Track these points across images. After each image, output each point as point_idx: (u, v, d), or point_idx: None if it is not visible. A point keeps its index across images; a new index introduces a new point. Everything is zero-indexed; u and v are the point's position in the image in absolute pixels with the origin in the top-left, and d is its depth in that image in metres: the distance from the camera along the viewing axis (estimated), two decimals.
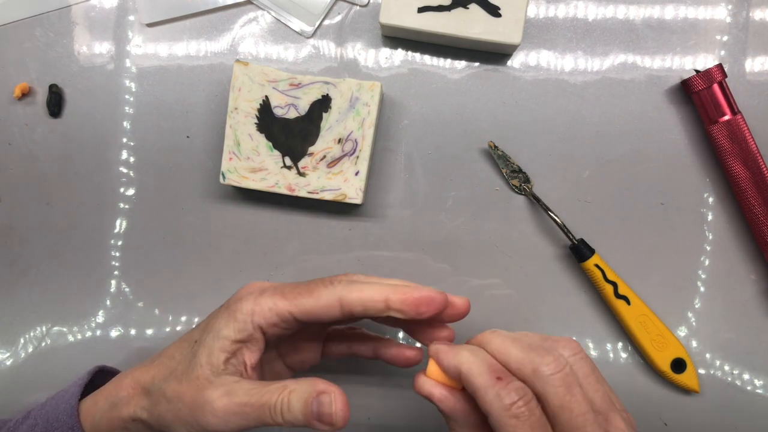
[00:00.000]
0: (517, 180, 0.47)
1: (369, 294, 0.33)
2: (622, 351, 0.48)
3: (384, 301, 0.33)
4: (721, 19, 0.47)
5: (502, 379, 0.29)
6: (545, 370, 0.29)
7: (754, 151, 0.45)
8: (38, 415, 0.39)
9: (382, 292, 0.33)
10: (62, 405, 0.38)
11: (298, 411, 0.32)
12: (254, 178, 0.45)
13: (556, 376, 0.29)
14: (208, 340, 0.35)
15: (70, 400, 0.38)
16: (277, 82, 0.45)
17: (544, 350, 0.30)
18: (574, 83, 0.48)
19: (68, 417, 0.37)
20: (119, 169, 0.49)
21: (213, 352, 0.34)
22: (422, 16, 0.44)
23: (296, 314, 0.34)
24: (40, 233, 0.49)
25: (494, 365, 0.30)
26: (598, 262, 0.46)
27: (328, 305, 0.33)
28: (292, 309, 0.34)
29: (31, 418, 0.39)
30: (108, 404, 0.37)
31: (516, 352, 0.31)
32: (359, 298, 0.33)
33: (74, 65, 0.48)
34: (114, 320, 0.49)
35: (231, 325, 0.34)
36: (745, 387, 0.48)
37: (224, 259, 0.49)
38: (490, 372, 0.30)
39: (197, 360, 0.35)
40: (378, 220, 0.48)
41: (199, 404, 0.33)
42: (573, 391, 0.29)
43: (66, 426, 0.37)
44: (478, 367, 0.30)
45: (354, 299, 0.33)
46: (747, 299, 0.48)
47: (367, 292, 0.33)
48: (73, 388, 0.40)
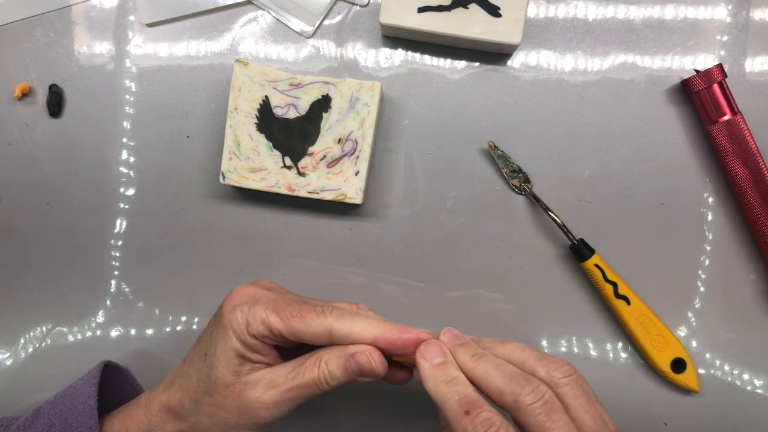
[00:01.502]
0: (517, 180, 0.47)
1: (358, 330, 0.35)
2: (622, 351, 0.48)
3: (372, 340, 0.35)
4: (721, 19, 0.47)
5: (469, 413, 0.30)
6: (524, 401, 0.30)
7: (754, 151, 0.45)
8: (52, 414, 0.39)
9: (371, 331, 0.35)
10: (79, 405, 0.38)
11: (341, 375, 0.34)
12: (254, 178, 0.45)
13: (536, 405, 0.30)
14: (218, 352, 0.36)
15: (88, 401, 0.38)
16: (277, 82, 0.45)
17: (524, 380, 0.31)
18: (574, 83, 0.48)
19: (88, 418, 0.38)
20: (119, 169, 0.49)
21: (230, 361, 0.36)
22: (422, 16, 0.44)
23: (286, 335, 0.35)
24: (40, 233, 0.49)
25: (465, 398, 0.31)
26: (598, 262, 0.46)
27: (318, 334, 0.35)
28: (282, 330, 0.35)
29: (44, 417, 0.39)
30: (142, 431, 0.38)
31: (497, 382, 0.32)
32: (348, 333, 0.35)
33: (74, 65, 0.48)
34: (114, 320, 0.49)
35: (232, 335, 0.35)
36: (745, 387, 0.48)
37: (224, 259, 0.49)
38: (460, 406, 0.31)
39: (217, 372, 0.36)
40: (378, 220, 0.48)
41: (246, 406, 0.35)
42: (554, 418, 0.30)
43: (85, 426, 0.37)
44: (449, 401, 0.31)
45: (343, 334, 0.35)
46: (747, 299, 0.48)
47: (356, 328, 0.35)
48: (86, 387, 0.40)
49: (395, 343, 0.35)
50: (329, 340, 0.35)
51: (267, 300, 0.36)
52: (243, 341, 0.35)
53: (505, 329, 0.48)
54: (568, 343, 0.48)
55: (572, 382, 0.32)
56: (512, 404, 0.31)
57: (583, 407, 0.31)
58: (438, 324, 0.48)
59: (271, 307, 0.36)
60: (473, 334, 0.46)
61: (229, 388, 0.36)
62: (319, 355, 0.35)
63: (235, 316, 0.35)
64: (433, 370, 0.33)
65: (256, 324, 0.35)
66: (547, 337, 0.48)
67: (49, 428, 0.38)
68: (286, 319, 0.35)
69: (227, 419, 0.35)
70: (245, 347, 0.36)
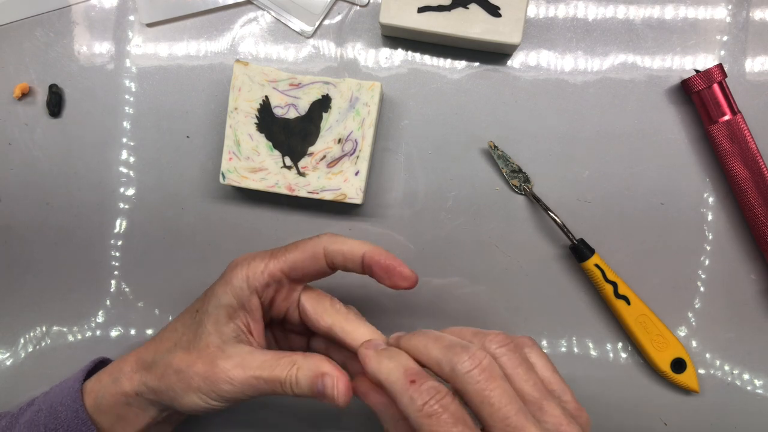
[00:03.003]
0: (517, 180, 0.47)
1: (350, 246, 0.36)
2: (622, 351, 0.48)
3: (361, 255, 0.36)
4: (721, 19, 0.47)
5: (415, 381, 0.30)
6: (461, 368, 0.30)
7: (754, 151, 0.45)
8: (42, 401, 0.40)
9: (362, 248, 0.36)
10: (66, 389, 0.39)
11: (306, 387, 0.34)
12: (254, 178, 0.45)
13: (473, 372, 0.30)
14: (210, 309, 0.37)
15: (74, 384, 0.39)
16: (277, 82, 0.45)
17: (461, 348, 0.31)
18: (574, 83, 0.48)
19: (72, 400, 0.38)
20: (119, 169, 0.49)
21: (219, 319, 0.36)
22: (422, 16, 0.44)
23: (286, 270, 0.37)
24: (40, 233, 0.49)
25: (410, 369, 0.31)
26: (598, 262, 0.46)
27: (314, 255, 0.36)
28: (282, 266, 0.37)
29: (35, 405, 0.40)
30: (111, 380, 0.39)
31: (435, 353, 0.31)
32: (341, 250, 0.36)
33: (74, 65, 0.48)
34: (114, 320, 0.49)
35: (229, 291, 0.36)
36: (745, 387, 0.48)
37: (224, 259, 0.48)
38: (405, 376, 0.31)
39: (204, 328, 0.36)
40: (378, 220, 0.48)
41: (214, 373, 0.35)
42: (491, 385, 0.29)
43: (70, 409, 0.38)
44: (394, 373, 0.31)
45: (336, 249, 0.36)
46: (747, 299, 0.48)
47: (348, 244, 0.37)
48: (76, 373, 0.41)
49: (379, 261, 0.36)
50: (325, 261, 0.37)
51: (264, 253, 0.38)
52: (239, 297, 0.36)
53: (504, 329, 0.48)
54: (568, 343, 0.48)
55: (509, 352, 0.32)
56: (450, 373, 0.30)
57: (522, 376, 0.31)
58: (438, 324, 0.48)
59: (267, 255, 0.37)
60: None
61: (209, 348, 0.36)
62: (296, 358, 0.35)
63: (235, 272, 0.37)
64: (375, 352, 0.33)
65: (256, 276, 0.36)
66: (547, 337, 0.48)
67: (37, 413, 0.39)
68: (283, 256, 0.37)
69: (191, 379, 0.35)
70: (239, 304, 0.36)
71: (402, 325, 0.48)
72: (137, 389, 0.38)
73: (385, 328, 0.37)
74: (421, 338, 0.33)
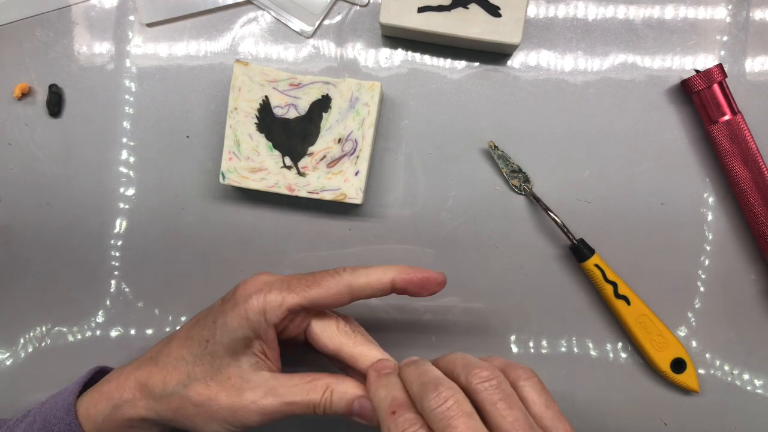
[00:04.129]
0: (517, 180, 0.47)
1: (377, 277, 0.36)
2: (622, 351, 0.48)
3: (390, 282, 0.36)
4: (721, 19, 0.47)
5: (395, 412, 0.32)
6: (427, 406, 0.31)
7: (754, 151, 0.45)
8: (37, 413, 0.39)
9: (388, 274, 0.36)
10: (60, 403, 0.39)
11: (341, 408, 0.36)
12: (254, 178, 0.45)
13: (437, 410, 0.30)
14: (225, 341, 0.36)
15: (68, 398, 0.39)
16: (277, 82, 0.45)
17: (432, 386, 0.31)
18: (574, 83, 0.48)
19: (65, 414, 0.38)
20: (119, 169, 0.49)
21: (237, 350, 0.36)
22: (422, 16, 0.44)
23: (306, 306, 0.36)
24: (40, 233, 0.49)
25: (396, 400, 0.32)
26: (598, 262, 0.46)
27: (338, 293, 0.36)
28: (302, 302, 0.36)
29: (30, 416, 0.39)
30: (110, 406, 0.37)
31: (414, 388, 0.32)
32: (367, 283, 0.36)
33: (74, 65, 0.48)
34: (114, 320, 0.49)
35: (246, 325, 0.35)
36: (745, 387, 0.48)
37: (224, 259, 0.49)
38: (390, 407, 0.32)
39: (221, 361, 0.36)
40: (378, 220, 0.48)
41: (242, 406, 0.35)
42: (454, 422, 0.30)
43: (63, 423, 0.37)
44: (383, 402, 0.33)
45: (363, 284, 0.36)
46: (747, 299, 0.48)
47: (374, 276, 0.36)
48: (71, 386, 0.40)
49: (412, 279, 0.36)
50: (350, 297, 0.36)
51: (280, 283, 0.36)
52: (256, 330, 0.35)
53: (504, 329, 0.48)
54: (568, 343, 0.48)
55: (491, 387, 0.31)
56: (421, 410, 0.31)
57: (500, 412, 0.31)
58: (437, 323, 0.48)
59: (285, 287, 0.36)
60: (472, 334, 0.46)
61: (230, 380, 0.36)
62: (328, 381, 0.36)
63: (251, 304, 0.36)
64: (377, 378, 0.34)
65: (273, 310, 0.35)
66: (547, 337, 0.48)
67: (31, 425, 0.38)
68: (303, 291, 0.36)
69: (215, 413, 0.35)
70: (256, 337, 0.36)
71: (402, 325, 0.48)
72: (144, 416, 0.37)
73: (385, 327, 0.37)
74: (410, 371, 0.34)
